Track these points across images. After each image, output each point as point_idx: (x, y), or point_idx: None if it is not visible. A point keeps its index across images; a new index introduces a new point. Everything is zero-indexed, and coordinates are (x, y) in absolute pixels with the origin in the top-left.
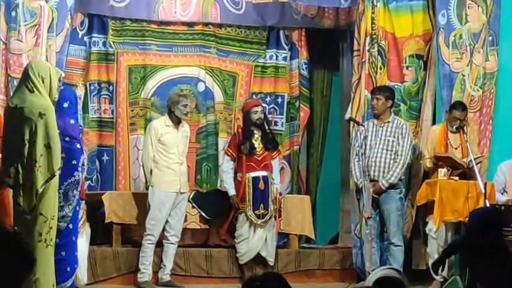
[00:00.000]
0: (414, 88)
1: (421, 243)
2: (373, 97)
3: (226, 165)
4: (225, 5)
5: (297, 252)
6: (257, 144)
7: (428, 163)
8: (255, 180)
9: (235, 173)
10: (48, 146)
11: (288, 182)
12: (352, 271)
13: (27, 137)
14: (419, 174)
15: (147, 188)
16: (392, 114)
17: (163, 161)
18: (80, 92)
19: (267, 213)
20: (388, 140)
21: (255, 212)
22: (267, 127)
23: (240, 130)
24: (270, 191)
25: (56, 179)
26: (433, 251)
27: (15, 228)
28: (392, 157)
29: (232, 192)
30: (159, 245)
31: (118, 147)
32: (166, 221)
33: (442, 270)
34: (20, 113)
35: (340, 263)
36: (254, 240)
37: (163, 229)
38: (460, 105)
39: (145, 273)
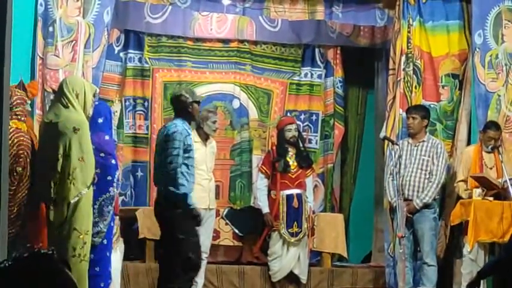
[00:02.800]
0: (449, 107)
1: (461, 263)
2: (409, 116)
3: (260, 183)
4: (260, 23)
5: (330, 271)
6: (291, 161)
7: (461, 192)
8: (289, 198)
9: (269, 191)
10: (81, 160)
11: (322, 200)
12: None
13: (61, 151)
14: (454, 194)
15: None
16: (428, 134)
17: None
18: (116, 108)
19: (301, 231)
20: (423, 160)
21: (289, 230)
22: (301, 145)
23: (274, 147)
24: (304, 209)
25: (90, 194)
26: (469, 272)
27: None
28: (427, 176)
29: (266, 209)
30: None
31: (152, 163)
32: None
33: None
34: (54, 128)
35: (373, 282)
36: (287, 258)
37: None
38: (494, 125)
39: None
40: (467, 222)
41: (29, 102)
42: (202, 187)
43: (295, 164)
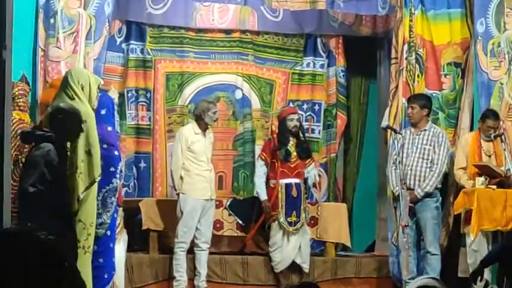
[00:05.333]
0: (452, 96)
1: (465, 251)
2: (409, 106)
3: (260, 170)
4: (262, 13)
5: (334, 260)
6: (292, 151)
7: (463, 180)
8: (288, 187)
9: (268, 180)
10: (88, 153)
11: (325, 189)
12: (388, 279)
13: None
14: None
15: (178, 195)
16: (430, 123)
17: (194, 168)
18: (112, 95)
19: (299, 221)
20: (424, 149)
21: (287, 219)
22: (301, 135)
23: (275, 135)
24: (302, 199)
25: (96, 186)
26: (474, 261)
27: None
28: (428, 166)
29: (264, 197)
30: (190, 251)
31: (155, 154)
32: (196, 229)
33: (481, 280)
34: None
35: (376, 271)
36: (288, 248)
37: (193, 237)
38: (493, 114)
39: (181, 280)
40: (468, 212)
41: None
42: (204, 178)
43: (295, 153)
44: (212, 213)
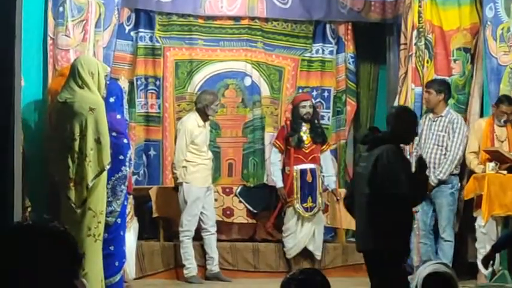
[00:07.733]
0: (461, 81)
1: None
2: (426, 90)
3: (274, 157)
4: None
5: (344, 247)
6: (305, 136)
7: (473, 164)
8: (303, 172)
9: (283, 166)
10: (98, 141)
11: (335, 176)
12: None
13: (77, 131)
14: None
15: (180, 185)
16: (447, 108)
17: (198, 158)
18: (122, 84)
19: (315, 206)
20: (439, 135)
21: (303, 204)
22: (316, 121)
23: (288, 122)
24: (318, 184)
25: (105, 174)
26: (482, 246)
27: (64, 225)
28: (444, 153)
29: (280, 184)
30: (196, 239)
31: (165, 142)
32: (202, 214)
33: (492, 265)
34: (69, 108)
35: None
36: (301, 234)
37: (199, 223)
38: (507, 100)
39: (191, 267)
40: (480, 196)
41: None
42: (206, 166)
43: (309, 139)
44: (212, 198)
